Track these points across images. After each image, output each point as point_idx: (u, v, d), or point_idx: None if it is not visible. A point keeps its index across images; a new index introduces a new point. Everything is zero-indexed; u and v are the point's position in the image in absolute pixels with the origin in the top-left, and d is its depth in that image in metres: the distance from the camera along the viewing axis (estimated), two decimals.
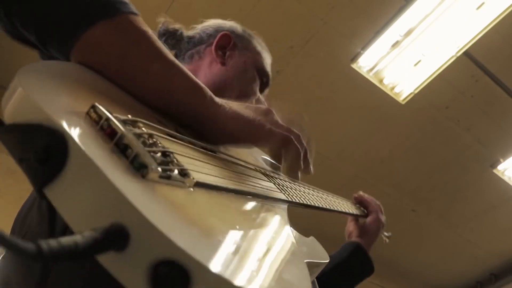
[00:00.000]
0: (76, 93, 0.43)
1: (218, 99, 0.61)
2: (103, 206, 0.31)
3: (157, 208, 0.32)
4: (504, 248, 3.94)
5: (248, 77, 1.00)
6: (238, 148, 0.72)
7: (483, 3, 2.51)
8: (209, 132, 0.61)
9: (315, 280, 0.94)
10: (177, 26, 1.09)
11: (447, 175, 3.42)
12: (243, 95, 0.97)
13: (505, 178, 3.44)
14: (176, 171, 0.38)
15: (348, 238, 1.26)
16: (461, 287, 4.32)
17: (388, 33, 2.64)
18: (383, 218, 1.27)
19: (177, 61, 0.56)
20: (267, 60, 1.07)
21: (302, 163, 0.69)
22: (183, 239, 0.30)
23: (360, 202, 1.27)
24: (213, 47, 1.00)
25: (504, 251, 3.98)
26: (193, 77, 0.58)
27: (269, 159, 0.94)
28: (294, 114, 0.71)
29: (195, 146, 0.54)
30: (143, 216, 0.29)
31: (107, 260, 0.30)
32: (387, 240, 1.40)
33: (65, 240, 0.27)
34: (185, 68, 0.57)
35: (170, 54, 0.56)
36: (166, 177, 0.37)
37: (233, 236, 0.38)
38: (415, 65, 2.82)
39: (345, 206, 1.11)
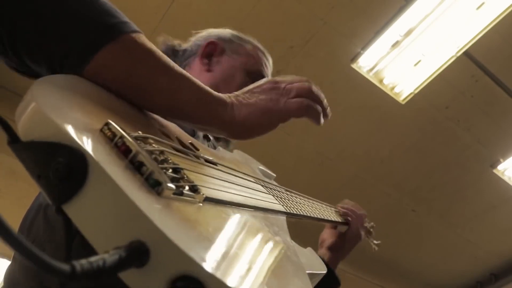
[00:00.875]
0: (88, 108, 0.43)
1: (227, 98, 0.61)
2: (123, 223, 0.31)
3: (173, 224, 0.33)
4: (504, 248, 3.94)
5: (236, 81, 0.99)
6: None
7: (483, 3, 2.51)
8: (230, 133, 0.62)
9: None
10: (175, 42, 1.10)
11: (447, 175, 3.43)
12: None
13: (505, 178, 3.44)
14: (187, 187, 0.40)
15: (320, 244, 1.25)
16: (461, 287, 4.32)
17: (388, 33, 2.65)
18: (362, 232, 1.24)
19: (185, 73, 0.57)
20: (262, 61, 1.06)
21: (322, 113, 0.72)
22: (200, 255, 0.31)
23: (343, 214, 1.25)
24: (199, 55, 1.02)
25: (504, 251, 3.98)
26: (202, 85, 0.59)
27: (264, 168, 0.95)
28: (298, 78, 0.72)
29: (199, 160, 0.55)
30: (163, 233, 0.30)
31: (128, 276, 0.31)
32: (376, 248, 1.39)
33: (95, 259, 0.28)
34: (193, 78, 0.58)
35: (177, 67, 0.56)
36: (179, 193, 0.38)
37: (244, 252, 0.40)
38: (415, 65, 2.82)
39: (329, 214, 1.12)
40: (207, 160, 0.58)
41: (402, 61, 2.79)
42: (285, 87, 0.66)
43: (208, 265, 0.30)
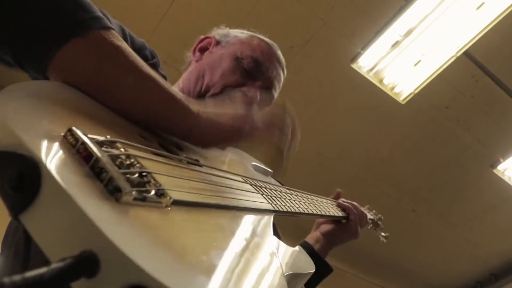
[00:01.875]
0: (55, 114, 0.43)
1: (195, 108, 0.61)
2: (74, 233, 0.31)
3: (128, 232, 0.33)
4: (504, 248, 3.94)
5: (222, 66, 0.97)
6: (223, 149, 0.74)
7: (483, 3, 2.51)
8: (190, 141, 0.64)
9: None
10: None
11: (447, 175, 3.42)
12: (218, 85, 0.95)
13: (505, 178, 3.44)
14: (152, 192, 0.39)
15: (315, 226, 1.23)
16: (461, 287, 4.32)
17: (388, 33, 2.64)
18: (360, 230, 1.22)
19: (153, 74, 0.57)
20: (259, 48, 1.01)
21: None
22: (152, 263, 0.30)
23: (343, 209, 1.23)
24: (191, 51, 1.03)
25: (504, 251, 3.98)
26: (170, 89, 0.59)
27: (259, 164, 0.94)
28: (276, 105, 0.74)
29: (178, 162, 0.54)
30: (111, 241, 0.30)
31: (80, 286, 0.30)
32: (384, 241, 1.39)
33: (30, 274, 0.27)
34: (162, 80, 0.58)
35: (146, 67, 0.56)
36: (141, 199, 0.37)
37: (208, 256, 0.39)
38: (415, 65, 2.82)
39: (329, 209, 1.11)
40: (189, 162, 0.57)
41: (402, 61, 2.79)
42: (255, 123, 0.69)
43: (160, 274, 0.30)
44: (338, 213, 1.16)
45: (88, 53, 0.51)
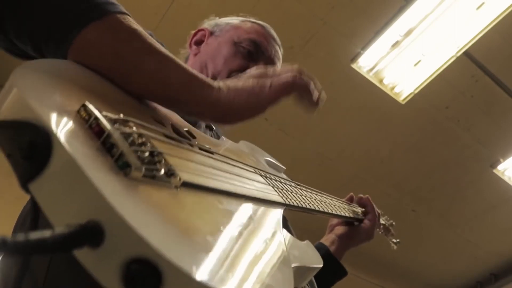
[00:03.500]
0: (71, 91, 0.43)
1: (214, 83, 0.61)
2: (82, 203, 0.31)
3: (134, 206, 0.33)
4: (504, 248, 3.94)
5: (223, 53, 0.98)
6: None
7: (483, 3, 2.51)
8: (217, 118, 0.61)
9: (313, 279, 0.93)
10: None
11: (447, 175, 3.42)
12: (223, 72, 0.95)
13: (505, 178, 3.44)
14: (162, 171, 0.39)
15: (329, 228, 1.22)
16: (461, 287, 4.32)
17: (388, 33, 2.64)
18: (375, 232, 1.21)
19: (171, 55, 0.57)
20: (254, 29, 1.03)
21: (313, 97, 0.67)
22: (157, 237, 0.30)
23: (362, 205, 1.22)
24: (187, 44, 1.04)
25: (504, 251, 3.98)
26: (189, 68, 0.58)
27: (272, 160, 0.93)
28: (287, 66, 0.70)
29: (190, 147, 0.54)
30: (117, 212, 0.30)
31: (83, 255, 0.30)
32: (395, 247, 1.36)
33: (33, 235, 0.28)
34: (180, 61, 0.58)
35: (163, 49, 0.56)
36: (150, 176, 0.37)
37: (214, 238, 0.38)
38: (415, 65, 2.82)
39: (343, 209, 1.10)
40: (201, 148, 0.57)
41: (402, 61, 2.79)
42: (273, 72, 0.66)
43: (165, 248, 0.29)
44: (351, 214, 1.15)
45: (107, 35, 0.51)
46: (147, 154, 0.38)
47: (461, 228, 3.78)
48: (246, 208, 0.53)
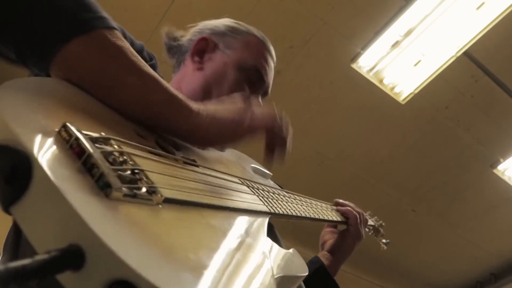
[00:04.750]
0: (52, 110, 0.43)
1: (195, 107, 0.61)
2: (62, 226, 0.31)
3: (115, 227, 0.33)
4: (504, 248, 3.94)
5: (229, 79, 0.93)
6: (223, 150, 0.73)
7: (483, 3, 2.51)
8: (192, 141, 0.63)
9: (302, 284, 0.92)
10: (177, 34, 1.04)
11: (447, 175, 3.42)
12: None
13: (505, 178, 3.43)
14: (144, 189, 0.39)
15: (321, 246, 1.21)
16: (461, 287, 4.32)
17: (388, 33, 2.64)
18: (362, 230, 1.21)
19: (154, 74, 0.57)
20: (260, 52, 1.00)
21: (278, 152, 0.72)
22: (137, 259, 0.30)
23: (341, 213, 1.21)
24: (190, 53, 0.98)
25: (504, 251, 3.97)
26: (171, 89, 0.59)
27: (259, 167, 0.94)
28: (270, 106, 0.72)
29: (173, 162, 0.54)
30: (96, 235, 0.30)
31: (65, 279, 0.31)
32: (385, 247, 1.38)
33: (12, 264, 0.28)
34: (163, 80, 0.58)
35: (147, 67, 0.56)
36: (131, 195, 0.37)
37: (196, 254, 0.39)
38: (415, 65, 2.82)
39: (327, 213, 1.10)
40: (186, 162, 0.58)
41: (402, 61, 2.79)
42: (255, 114, 0.69)
43: (144, 269, 0.30)
44: (337, 217, 1.15)
45: (91, 51, 0.51)
46: (128, 172, 0.39)
47: (461, 228, 3.78)
48: (230, 221, 0.54)
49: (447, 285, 4.30)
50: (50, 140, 0.37)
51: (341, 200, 1.24)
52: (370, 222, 1.34)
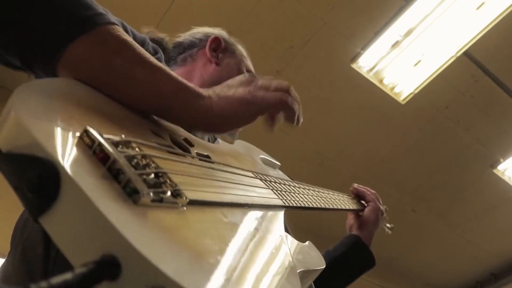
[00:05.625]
0: (70, 113, 0.43)
1: (204, 91, 0.61)
2: (95, 236, 0.31)
3: (147, 235, 0.33)
4: (504, 248, 3.94)
5: None
6: (236, 135, 0.70)
7: (483, 3, 2.51)
8: (208, 127, 0.62)
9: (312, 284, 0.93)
10: (161, 35, 1.09)
11: (447, 175, 3.42)
12: None
13: (505, 178, 3.43)
14: (169, 192, 0.39)
15: (349, 231, 1.25)
16: (461, 287, 4.32)
17: (388, 33, 2.64)
18: (381, 206, 1.28)
19: (160, 64, 0.56)
20: (251, 67, 1.10)
21: (296, 117, 0.72)
22: (172, 266, 0.31)
23: (356, 195, 1.29)
24: (207, 48, 1.04)
25: (504, 251, 3.98)
26: (178, 77, 0.58)
27: (267, 157, 0.94)
28: (279, 80, 0.71)
29: (191, 160, 0.54)
30: (132, 245, 0.30)
31: None
32: (390, 232, 1.39)
33: (55, 280, 0.28)
34: (170, 71, 0.58)
35: (153, 58, 0.56)
36: (158, 200, 0.37)
37: (225, 256, 0.39)
38: (415, 65, 2.82)
39: (344, 202, 1.11)
40: (201, 158, 0.58)
41: (402, 61, 2.79)
42: (263, 83, 0.67)
43: (180, 276, 0.30)
44: (353, 206, 1.17)
45: (97, 48, 0.51)
46: (152, 176, 0.39)
47: (461, 228, 3.78)
48: (250, 218, 0.54)
49: (447, 285, 4.30)
50: (73, 147, 0.37)
51: (355, 185, 1.32)
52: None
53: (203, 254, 0.37)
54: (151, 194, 0.36)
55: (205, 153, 0.61)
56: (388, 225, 1.39)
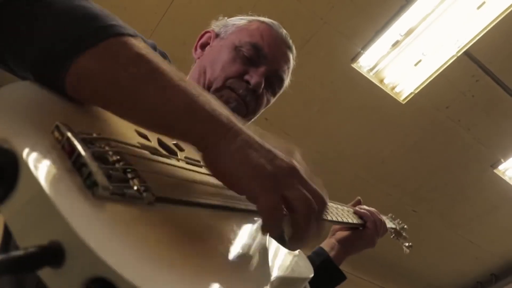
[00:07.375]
0: (49, 112, 0.43)
1: (237, 126, 0.49)
2: (44, 224, 0.32)
3: (96, 226, 0.33)
4: (505, 248, 3.93)
5: (223, 58, 0.95)
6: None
7: (483, 3, 2.51)
8: (203, 159, 0.50)
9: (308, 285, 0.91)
10: None
11: (448, 175, 3.42)
12: (219, 78, 0.93)
13: (506, 178, 3.43)
14: (135, 187, 0.39)
15: (331, 233, 1.20)
16: (461, 287, 4.32)
17: (388, 33, 2.64)
18: (377, 239, 1.18)
19: (175, 79, 0.48)
20: (259, 31, 0.99)
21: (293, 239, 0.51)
22: (116, 257, 0.31)
23: (359, 216, 1.17)
24: (193, 48, 1.02)
25: (505, 252, 3.97)
26: (196, 96, 0.48)
27: None
28: (320, 185, 0.55)
29: (173, 162, 0.53)
30: (75, 232, 0.31)
31: (46, 275, 0.31)
32: (408, 251, 1.34)
33: None
34: (194, 87, 0.49)
35: (167, 72, 0.48)
36: (119, 194, 0.38)
37: (181, 254, 0.39)
38: (416, 64, 2.81)
39: (345, 215, 1.08)
40: (189, 162, 0.57)
41: (402, 60, 2.78)
42: (306, 174, 0.52)
43: (122, 267, 0.30)
44: (354, 220, 1.11)
45: (103, 63, 0.47)
46: (119, 172, 0.39)
47: (462, 229, 3.78)
48: (228, 221, 0.53)
49: (448, 286, 4.30)
50: (42, 140, 0.38)
51: (360, 206, 1.20)
52: (391, 225, 1.30)
53: (159, 251, 0.36)
54: (111, 187, 0.36)
55: (196, 159, 0.59)
56: (406, 244, 1.33)
